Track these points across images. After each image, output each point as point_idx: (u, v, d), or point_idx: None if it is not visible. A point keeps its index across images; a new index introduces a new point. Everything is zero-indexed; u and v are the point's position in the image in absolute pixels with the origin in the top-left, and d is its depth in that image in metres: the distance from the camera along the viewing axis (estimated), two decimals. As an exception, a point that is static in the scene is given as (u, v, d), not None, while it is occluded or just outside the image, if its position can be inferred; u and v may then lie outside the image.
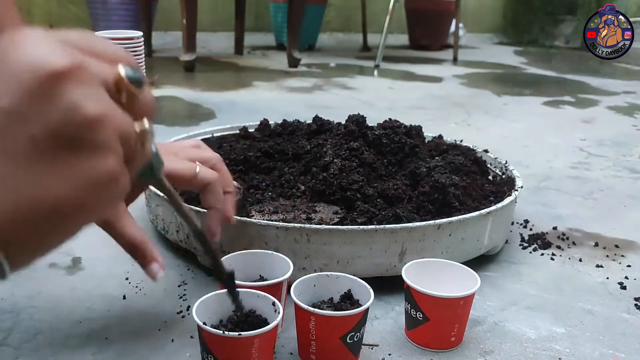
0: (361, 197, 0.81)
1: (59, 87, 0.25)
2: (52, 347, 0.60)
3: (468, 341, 0.66)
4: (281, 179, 0.90)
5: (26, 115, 0.25)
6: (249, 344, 0.52)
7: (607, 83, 2.67)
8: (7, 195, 0.25)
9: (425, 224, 0.73)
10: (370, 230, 0.71)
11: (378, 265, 0.73)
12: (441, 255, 0.74)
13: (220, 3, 3.36)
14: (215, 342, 0.52)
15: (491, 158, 1.05)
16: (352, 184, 0.82)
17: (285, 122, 1.12)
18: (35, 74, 0.25)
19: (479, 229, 0.79)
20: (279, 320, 0.54)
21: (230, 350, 0.52)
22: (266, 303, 0.57)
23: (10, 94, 0.24)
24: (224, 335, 0.51)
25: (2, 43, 0.25)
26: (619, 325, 0.71)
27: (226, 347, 0.52)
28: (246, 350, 0.52)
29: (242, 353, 0.52)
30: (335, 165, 0.84)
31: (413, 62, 3.11)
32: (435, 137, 1.10)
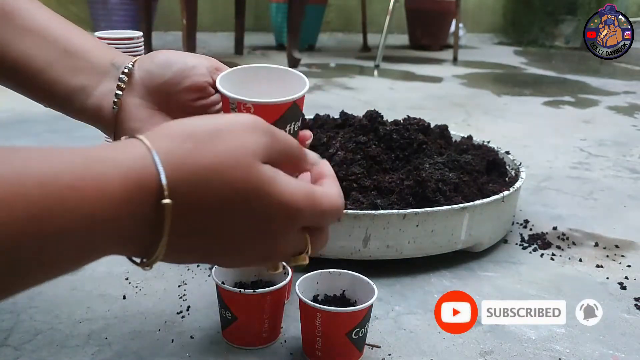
0: (357, 187, 0.84)
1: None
2: (52, 347, 0.60)
3: (468, 341, 0.66)
4: None
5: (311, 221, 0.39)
6: (262, 301, 0.59)
7: (607, 83, 2.67)
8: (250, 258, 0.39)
9: (389, 213, 0.77)
10: None
11: (342, 248, 0.78)
12: (408, 245, 0.79)
13: (220, 3, 3.36)
14: (233, 299, 0.60)
15: (510, 159, 1.05)
16: (350, 175, 0.85)
17: (317, 115, 1.14)
18: (338, 214, 0.41)
19: (453, 223, 0.81)
20: (287, 281, 0.62)
21: (245, 306, 0.60)
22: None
23: (309, 221, 0.39)
24: (240, 292, 0.59)
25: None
26: (619, 325, 0.71)
27: (242, 303, 0.60)
28: (260, 305, 0.60)
29: (256, 307, 0.60)
30: (337, 156, 0.88)
31: (413, 62, 3.11)
32: (464, 137, 1.11)
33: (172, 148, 0.33)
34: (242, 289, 0.60)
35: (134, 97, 0.52)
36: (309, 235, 0.40)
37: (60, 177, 0.28)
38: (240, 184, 0.34)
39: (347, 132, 0.96)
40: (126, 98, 0.52)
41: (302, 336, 0.62)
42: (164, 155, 0.32)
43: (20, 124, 1.49)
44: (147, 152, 0.32)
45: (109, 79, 0.53)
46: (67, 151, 0.30)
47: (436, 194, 0.83)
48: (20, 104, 1.70)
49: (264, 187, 0.35)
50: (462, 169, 0.91)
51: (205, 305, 0.69)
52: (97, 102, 0.52)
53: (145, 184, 0.31)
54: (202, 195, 0.33)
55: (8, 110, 1.61)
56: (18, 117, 1.56)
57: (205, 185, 0.33)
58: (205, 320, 0.67)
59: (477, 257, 0.87)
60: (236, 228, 0.35)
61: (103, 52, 0.54)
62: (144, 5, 2.60)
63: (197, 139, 0.34)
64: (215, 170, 0.33)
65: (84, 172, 0.29)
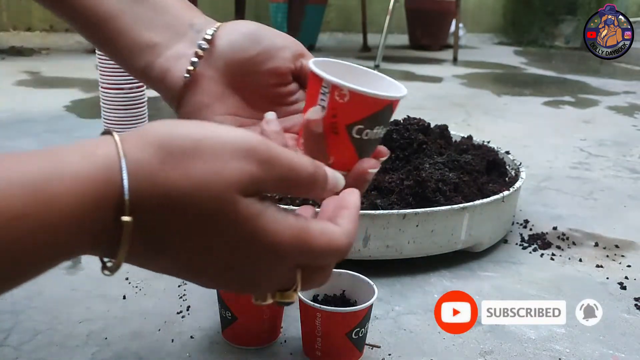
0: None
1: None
2: (52, 347, 0.60)
3: (468, 341, 0.66)
4: None
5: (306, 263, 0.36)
6: None
7: (607, 83, 2.67)
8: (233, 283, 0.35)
9: (389, 213, 0.77)
10: None
11: None
12: (408, 245, 0.79)
13: (220, 3, 3.36)
14: (233, 299, 0.60)
15: (510, 159, 1.05)
16: None
17: None
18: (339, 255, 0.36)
19: (453, 224, 0.81)
20: None
21: (245, 306, 0.60)
22: None
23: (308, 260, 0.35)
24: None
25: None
26: (619, 325, 0.71)
27: (242, 303, 0.60)
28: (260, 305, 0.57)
29: (256, 308, 0.59)
30: None
31: (413, 62, 3.11)
32: (464, 137, 1.12)
33: (144, 159, 0.30)
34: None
35: (209, 69, 0.46)
36: (302, 272, 0.36)
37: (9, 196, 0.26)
38: (211, 216, 0.31)
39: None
40: (201, 68, 0.46)
41: (302, 336, 0.62)
42: (132, 165, 0.29)
43: (20, 124, 1.48)
44: (116, 161, 0.29)
45: (185, 42, 0.46)
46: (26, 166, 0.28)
47: (436, 194, 0.83)
48: (19, 104, 1.70)
49: (240, 224, 0.31)
50: (462, 169, 0.91)
51: (205, 305, 0.69)
52: (166, 64, 0.46)
53: (106, 197, 0.29)
54: (166, 217, 0.30)
55: (8, 110, 1.61)
56: (18, 117, 1.56)
57: (172, 208, 0.30)
58: (205, 320, 0.67)
59: (477, 257, 0.87)
60: (203, 256, 0.32)
61: (183, 9, 0.48)
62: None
63: (172, 154, 0.30)
64: (185, 194, 0.30)
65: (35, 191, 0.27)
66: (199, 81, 0.46)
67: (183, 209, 0.30)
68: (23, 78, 2.10)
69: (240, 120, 0.47)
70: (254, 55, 0.46)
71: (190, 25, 0.47)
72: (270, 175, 0.32)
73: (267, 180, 0.32)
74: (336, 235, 0.35)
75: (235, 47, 0.46)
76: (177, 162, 0.30)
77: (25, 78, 2.11)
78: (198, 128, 0.32)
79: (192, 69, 0.46)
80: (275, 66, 0.46)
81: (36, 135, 1.38)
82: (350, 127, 0.40)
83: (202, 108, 0.46)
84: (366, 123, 0.41)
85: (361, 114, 0.40)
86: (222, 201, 0.30)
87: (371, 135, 0.42)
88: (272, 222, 0.32)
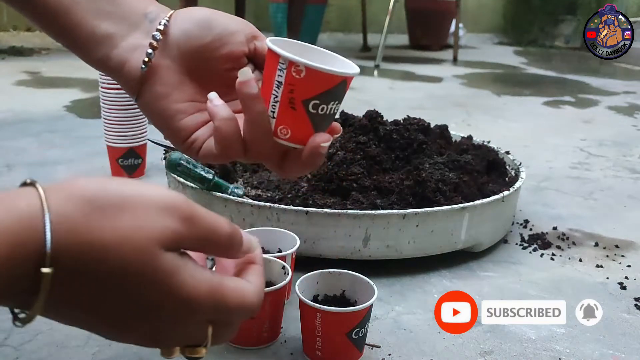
0: (357, 187, 0.84)
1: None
2: (52, 347, 0.60)
3: (468, 341, 0.66)
4: None
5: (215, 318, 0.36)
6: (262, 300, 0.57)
7: (607, 83, 2.67)
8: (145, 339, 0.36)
9: (389, 213, 0.77)
10: (334, 214, 0.76)
11: (342, 248, 0.78)
12: (408, 245, 0.79)
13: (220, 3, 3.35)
14: None
15: (510, 159, 1.05)
16: (350, 175, 0.85)
17: None
18: (248, 312, 0.37)
19: (453, 224, 0.81)
20: (287, 281, 0.62)
21: None
22: (277, 267, 0.65)
23: (222, 316, 0.36)
24: None
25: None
26: (619, 325, 0.71)
27: None
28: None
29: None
30: (337, 156, 0.88)
31: (413, 62, 3.11)
32: (464, 137, 1.12)
33: (67, 212, 0.30)
34: None
35: (165, 59, 0.47)
36: (213, 327, 0.36)
37: None
38: (132, 268, 0.31)
39: (347, 132, 0.96)
40: (157, 58, 0.46)
41: (302, 336, 0.62)
42: (56, 217, 0.29)
43: (20, 124, 1.49)
44: (39, 212, 0.29)
45: (140, 32, 0.47)
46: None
47: (436, 194, 0.83)
48: (19, 104, 1.70)
49: (159, 277, 0.32)
50: (462, 169, 0.91)
51: (205, 305, 0.69)
52: (123, 55, 0.47)
53: (26, 248, 0.29)
54: (86, 269, 0.30)
55: (8, 110, 1.61)
56: (18, 117, 1.56)
57: (93, 258, 0.30)
58: (205, 320, 0.66)
59: (477, 257, 0.87)
60: (119, 311, 0.33)
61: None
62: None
63: (97, 207, 0.31)
64: (108, 247, 0.30)
65: None
66: (156, 71, 0.47)
67: (104, 259, 0.30)
68: (23, 78, 2.11)
69: (198, 105, 0.47)
70: (208, 42, 0.46)
71: (144, 15, 0.47)
72: (191, 232, 0.34)
73: (187, 237, 0.33)
74: (249, 293, 0.37)
75: (188, 35, 0.47)
76: (102, 215, 0.31)
77: (25, 78, 2.11)
78: (125, 185, 0.33)
79: (148, 60, 0.46)
80: (229, 51, 0.47)
81: (36, 135, 1.38)
82: (307, 102, 0.42)
83: (161, 98, 0.47)
84: (322, 98, 0.42)
85: (317, 89, 0.42)
86: (143, 254, 0.31)
87: (327, 110, 0.43)
88: (189, 278, 0.33)
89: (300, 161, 0.44)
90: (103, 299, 0.32)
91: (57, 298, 0.30)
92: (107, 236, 0.30)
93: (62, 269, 0.29)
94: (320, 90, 0.42)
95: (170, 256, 0.32)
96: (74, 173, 1.13)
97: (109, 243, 0.30)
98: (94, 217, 0.30)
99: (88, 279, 0.31)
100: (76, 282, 0.30)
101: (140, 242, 0.31)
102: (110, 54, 0.47)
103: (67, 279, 0.30)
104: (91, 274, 0.30)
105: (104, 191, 0.32)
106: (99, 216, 0.30)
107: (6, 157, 1.22)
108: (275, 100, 0.43)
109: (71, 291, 0.31)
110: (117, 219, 0.31)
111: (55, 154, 1.26)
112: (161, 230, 0.32)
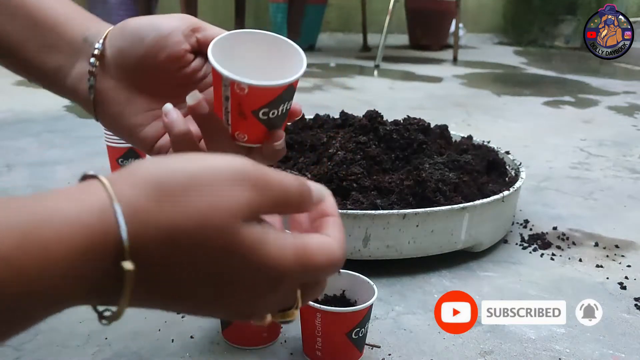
0: (357, 187, 0.84)
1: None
2: (53, 347, 0.60)
3: (468, 341, 0.66)
4: (293, 167, 0.94)
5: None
6: None
7: (607, 83, 2.67)
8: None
9: (389, 213, 0.77)
10: None
11: None
12: (408, 245, 0.79)
13: (220, 3, 3.36)
14: None
15: (510, 159, 1.05)
16: (350, 175, 0.85)
17: (317, 115, 1.14)
18: (336, 267, 0.35)
19: (453, 223, 0.81)
20: None
21: None
22: None
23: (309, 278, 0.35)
24: None
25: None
26: (619, 325, 0.71)
27: None
28: None
29: None
30: (337, 156, 0.88)
31: (413, 62, 3.11)
32: (464, 137, 1.12)
33: (138, 201, 0.28)
34: None
35: (108, 80, 0.48)
36: (302, 289, 0.36)
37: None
38: (216, 250, 0.30)
39: (347, 132, 0.96)
40: (101, 82, 0.48)
41: (302, 336, 0.62)
42: (127, 208, 0.28)
43: (19, 124, 1.49)
44: (109, 205, 0.28)
45: (83, 59, 0.48)
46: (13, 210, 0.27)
47: (436, 194, 0.83)
48: (19, 104, 1.70)
49: (245, 252, 0.31)
50: (462, 169, 0.91)
51: (205, 305, 0.69)
52: (74, 83, 0.48)
53: (102, 245, 0.28)
54: (170, 259, 0.29)
55: (7, 110, 1.61)
56: (17, 117, 1.56)
57: (173, 247, 0.29)
58: (205, 320, 0.67)
59: (477, 257, 0.87)
60: (209, 291, 0.32)
61: (76, 22, 0.49)
62: (144, 5, 2.60)
63: (166, 192, 0.29)
64: (187, 233, 0.29)
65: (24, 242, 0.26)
66: (103, 95, 0.48)
67: (185, 247, 0.29)
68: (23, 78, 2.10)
69: (156, 113, 0.48)
70: (143, 53, 0.46)
71: (84, 40, 0.48)
72: (265, 198, 0.32)
73: (262, 204, 0.32)
74: (334, 248, 0.35)
75: (122, 51, 0.47)
76: (173, 200, 0.29)
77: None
78: (189, 162, 0.31)
79: (91, 86, 0.47)
80: (168, 54, 0.46)
81: (36, 135, 1.38)
82: (256, 112, 0.43)
83: (116, 116, 0.49)
84: (270, 106, 0.43)
85: (263, 100, 0.42)
86: (224, 233, 0.30)
87: (277, 112, 0.44)
88: (274, 247, 0.32)
89: (264, 155, 0.46)
90: (190, 285, 0.31)
91: (142, 291, 0.29)
92: (184, 222, 0.29)
93: (143, 263, 0.28)
94: (267, 101, 0.43)
95: (251, 228, 0.31)
96: (73, 173, 1.13)
97: (187, 229, 0.29)
98: (165, 203, 0.29)
99: (172, 269, 0.30)
100: (160, 274, 0.29)
101: (218, 221, 0.30)
102: (64, 85, 0.49)
103: (150, 271, 0.29)
104: (175, 264, 0.29)
105: (171, 172, 0.30)
106: (171, 202, 0.29)
107: (6, 157, 1.22)
108: (226, 111, 0.44)
109: (156, 283, 0.30)
110: (190, 202, 0.29)
111: (55, 154, 1.26)
112: (237, 205, 0.30)
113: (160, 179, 0.29)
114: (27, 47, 0.48)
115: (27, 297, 0.26)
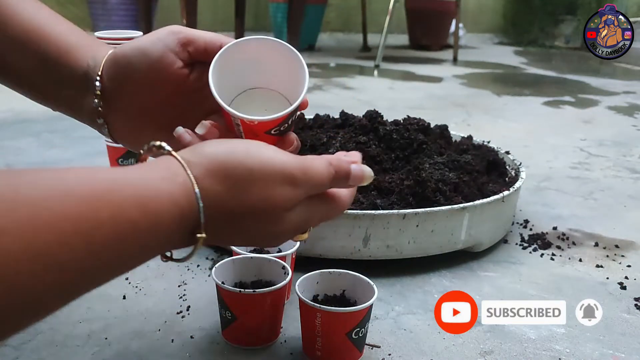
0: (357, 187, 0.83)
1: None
2: (52, 347, 0.60)
3: (468, 341, 0.66)
4: None
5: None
6: (262, 300, 0.60)
7: (607, 83, 2.67)
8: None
9: (389, 213, 0.77)
10: None
11: (342, 248, 0.78)
12: (408, 245, 0.79)
13: (220, 3, 3.36)
14: (233, 299, 0.60)
15: (510, 159, 1.05)
16: None
17: (317, 115, 1.14)
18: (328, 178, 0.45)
19: (453, 223, 0.81)
20: (287, 281, 0.62)
21: (245, 306, 0.60)
22: (277, 267, 0.65)
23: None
24: (240, 292, 0.59)
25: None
26: (619, 325, 0.71)
27: (242, 303, 0.60)
28: (260, 305, 0.60)
29: (256, 308, 0.60)
30: None
31: (413, 62, 3.11)
32: (464, 137, 1.11)
33: (212, 187, 0.38)
34: (242, 289, 0.60)
35: (117, 121, 0.49)
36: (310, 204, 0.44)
37: (127, 207, 0.33)
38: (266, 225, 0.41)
39: (347, 132, 0.96)
40: (108, 117, 0.49)
41: (302, 336, 0.62)
42: (204, 191, 0.38)
43: (20, 124, 1.49)
44: (191, 189, 0.37)
45: (90, 94, 0.49)
46: (131, 188, 0.34)
47: (436, 194, 0.83)
48: (20, 104, 1.70)
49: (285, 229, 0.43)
50: (462, 169, 0.91)
51: (205, 305, 0.69)
52: (89, 116, 0.50)
53: (187, 220, 0.37)
54: (229, 229, 0.40)
55: (8, 110, 1.61)
56: (18, 117, 1.56)
57: (234, 222, 0.40)
58: (205, 320, 0.67)
59: (477, 257, 0.87)
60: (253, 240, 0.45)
61: (80, 53, 0.49)
62: (143, 5, 2.60)
63: (234, 182, 0.39)
64: (244, 213, 0.40)
65: (145, 211, 0.34)
66: (114, 126, 0.50)
67: (242, 221, 0.40)
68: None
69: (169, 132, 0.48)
70: (138, 79, 0.47)
71: (85, 74, 0.48)
72: (305, 191, 0.42)
73: (302, 195, 0.42)
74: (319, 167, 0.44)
75: (122, 85, 0.47)
76: (237, 190, 0.39)
77: (25, 78, 2.11)
78: (249, 158, 0.40)
79: (104, 122, 0.49)
80: (164, 75, 0.46)
81: (36, 135, 1.38)
82: (268, 132, 0.47)
83: (132, 143, 0.51)
84: (280, 125, 0.47)
85: (273, 124, 0.46)
86: (273, 218, 0.41)
87: (288, 126, 0.48)
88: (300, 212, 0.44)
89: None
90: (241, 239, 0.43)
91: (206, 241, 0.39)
92: (245, 209, 0.40)
93: (213, 231, 0.39)
94: (276, 124, 0.47)
95: (292, 214, 0.42)
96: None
97: (246, 214, 0.40)
98: (232, 192, 0.39)
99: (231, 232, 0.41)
100: (222, 235, 0.40)
101: (270, 211, 0.41)
102: (82, 116, 0.51)
103: (216, 234, 0.39)
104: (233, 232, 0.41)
105: (237, 163, 0.39)
106: (236, 191, 0.39)
107: (6, 157, 1.22)
108: (239, 131, 0.47)
109: (218, 237, 0.41)
110: (249, 192, 0.39)
111: (55, 154, 1.26)
112: (284, 201, 0.41)
113: (228, 170, 0.39)
114: (37, 81, 0.50)
115: (142, 249, 0.36)
